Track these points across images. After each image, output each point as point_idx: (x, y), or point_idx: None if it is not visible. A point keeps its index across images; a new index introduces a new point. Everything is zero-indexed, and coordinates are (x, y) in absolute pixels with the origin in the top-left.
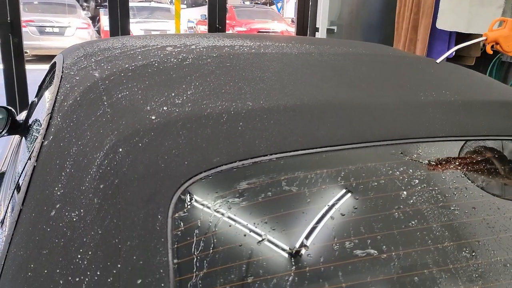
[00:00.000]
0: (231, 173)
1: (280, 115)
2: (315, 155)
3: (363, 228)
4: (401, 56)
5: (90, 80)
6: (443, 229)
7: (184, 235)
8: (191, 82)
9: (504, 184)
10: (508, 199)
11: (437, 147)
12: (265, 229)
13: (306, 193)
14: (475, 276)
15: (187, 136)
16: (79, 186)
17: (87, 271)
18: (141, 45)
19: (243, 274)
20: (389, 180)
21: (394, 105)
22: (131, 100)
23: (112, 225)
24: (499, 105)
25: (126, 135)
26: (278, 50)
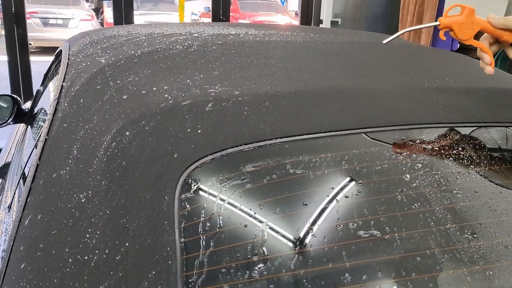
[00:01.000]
0: (236, 156)
1: (285, 100)
2: (319, 140)
3: (367, 211)
4: (405, 45)
5: (96, 66)
6: (445, 212)
7: (191, 215)
8: (196, 68)
9: (506, 170)
10: (509, 184)
11: (440, 133)
12: (269, 211)
13: (311, 176)
14: (476, 257)
15: (193, 120)
16: (87, 169)
17: (96, 250)
18: (147, 33)
19: (248, 254)
20: (392, 164)
21: (398, 92)
22: (138, 85)
23: (120, 206)
24: (503, 92)
25: (133, 119)
26: (283, 38)
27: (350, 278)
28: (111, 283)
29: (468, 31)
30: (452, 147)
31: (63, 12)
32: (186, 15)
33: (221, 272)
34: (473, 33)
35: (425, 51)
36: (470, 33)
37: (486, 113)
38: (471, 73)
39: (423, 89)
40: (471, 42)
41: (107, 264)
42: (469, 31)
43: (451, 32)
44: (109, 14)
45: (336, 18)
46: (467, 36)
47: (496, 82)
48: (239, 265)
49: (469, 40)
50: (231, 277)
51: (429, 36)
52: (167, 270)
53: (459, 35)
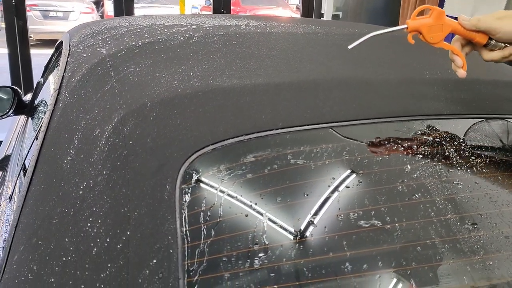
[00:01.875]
0: (237, 147)
1: (286, 91)
2: (320, 130)
3: (368, 201)
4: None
5: (97, 56)
6: (446, 203)
7: (192, 205)
8: (198, 58)
9: (507, 161)
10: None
11: (441, 124)
12: (270, 201)
13: (312, 167)
14: (476, 247)
15: (194, 110)
16: (88, 158)
17: (97, 239)
18: (148, 24)
19: (248, 243)
20: (393, 155)
21: (399, 83)
22: (139, 75)
23: (121, 195)
24: (505, 84)
25: (134, 109)
26: (284, 29)
27: (351, 268)
28: (112, 271)
29: (438, 33)
30: (453, 139)
31: (64, 5)
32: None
33: (222, 260)
34: (443, 36)
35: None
36: (439, 36)
37: (488, 105)
38: (473, 65)
39: (424, 81)
40: (441, 45)
41: (108, 252)
42: (439, 33)
43: (420, 35)
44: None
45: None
46: (437, 39)
47: (499, 74)
48: (239, 254)
49: (439, 43)
50: (232, 266)
51: None
52: (168, 259)
53: (428, 38)
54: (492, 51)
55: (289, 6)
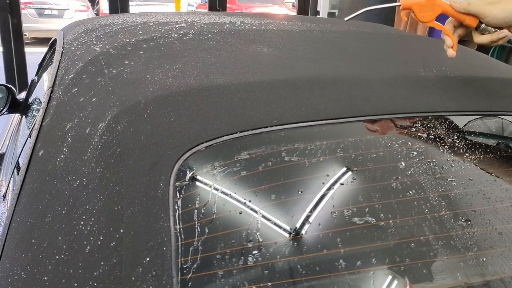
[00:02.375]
0: (231, 144)
1: (281, 88)
2: (315, 128)
3: (362, 198)
4: (402, 35)
5: (91, 54)
6: (440, 199)
7: (185, 202)
8: (192, 56)
9: (500, 158)
10: (503, 172)
11: (436, 122)
12: (264, 198)
13: (306, 164)
14: (470, 244)
15: (188, 108)
16: (82, 156)
17: (90, 237)
18: (142, 21)
19: (242, 240)
20: (387, 152)
21: (394, 80)
22: (133, 73)
23: (115, 193)
24: (499, 82)
25: (127, 106)
26: (279, 27)
27: (346, 265)
28: (105, 269)
29: (429, 13)
30: (447, 136)
31: (59, 3)
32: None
33: (215, 258)
34: (433, 16)
35: (421, 41)
36: (430, 16)
37: (482, 102)
38: (467, 62)
39: (419, 78)
40: (432, 24)
41: (102, 250)
42: (430, 13)
43: (412, 13)
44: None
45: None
46: (427, 19)
47: (493, 71)
48: (233, 252)
49: (430, 22)
50: (226, 264)
51: (426, 27)
52: (162, 256)
53: (419, 16)
54: (483, 34)
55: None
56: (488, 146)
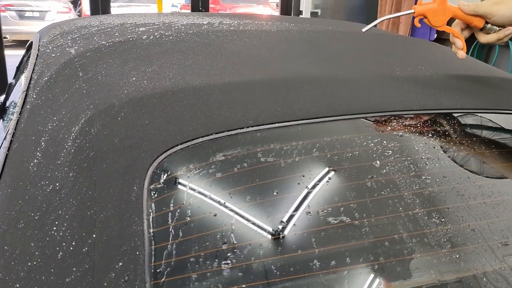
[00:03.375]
0: (207, 146)
1: (257, 88)
2: (291, 128)
3: (338, 198)
4: (379, 34)
5: (66, 56)
6: (415, 197)
7: (160, 206)
8: (168, 57)
9: (474, 155)
10: (477, 169)
11: (411, 120)
12: (239, 200)
13: (282, 164)
14: (443, 241)
15: (163, 110)
16: (55, 161)
17: (63, 242)
18: (119, 23)
19: (217, 243)
20: (363, 151)
21: (370, 80)
22: (107, 75)
23: (87, 197)
24: (473, 80)
25: (101, 109)
26: (257, 27)
27: (319, 265)
28: (77, 275)
29: (441, 17)
30: (423, 134)
31: (40, 5)
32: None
33: (190, 262)
34: (445, 20)
35: (399, 40)
36: (443, 20)
37: (457, 100)
38: (443, 61)
39: (395, 77)
40: (444, 28)
41: (74, 256)
42: (442, 17)
43: (425, 19)
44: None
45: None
46: (440, 23)
47: (468, 69)
48: (208, 254)
49: (442, 26)
50: (200, 267)
51: (407, 26)
52: (135, 261)
53: (432, 22)
54: (488, 34)
55: (269, 3)
56: (464, 143)
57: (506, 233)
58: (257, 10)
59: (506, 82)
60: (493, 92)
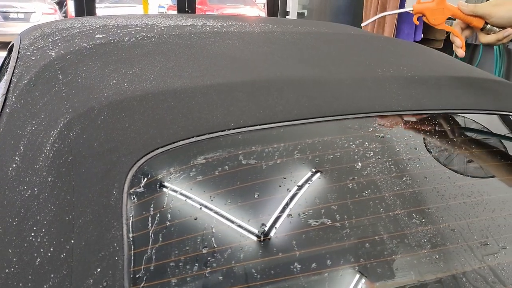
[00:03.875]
0: (188, 149)
1: (239, 90)
2: (273, 130)
3: (319, 200)
4: (362, 35)
5: (46, 59)
6: (396, 198)
7: (140, 210)
8: (149, 60)
9: (454, 155)
10: (457, 169)
11: (392, 121)
12: (220, 203)
13: (264, 167)
14: (424, 241)
15: (144, 113)
16: (33, 165)
17: (40, 248)
18: (101, 25)
19: (198, 247)
20: (345, 153)
21: (352, 81)
22: (88, 78)
23: (66, 202)
24: (454, 80)
25: (81, 113)
26: (240, 29)
27: (300, 267)
28: (55, 281)
29: (439, 16)
30: (404, 135)
31: (24, 6)
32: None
33: (169, 266)
34: (444, 19)
35: (381, 41)
36: (441, 19)
37: (438, 101)
38: (425, 62)
39: (376, 78)
40: (442, 26)
41: (52, 262)
42: (440, 16)
43: (424, 17)
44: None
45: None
46: (439, 21)
47: (448, 70)
48: (188, 259)
49: (440, 24)
50: (181, 272)
51: (392, 26)
52: (114, 267)
53: (431, 20)
54: (488, 34)
55: (256, 4)
56: (445, 143)
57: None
58: (244, 11)
59: (487, 83)
60: (474, 93)
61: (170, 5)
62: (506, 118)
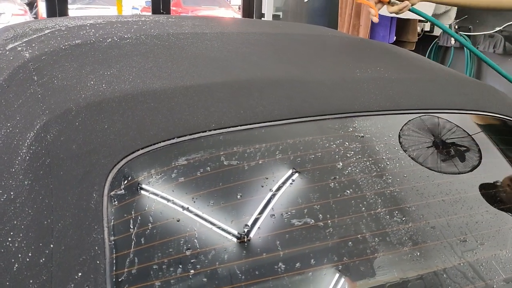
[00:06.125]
0: (169, 150)
1: (219, 91)
2: (253, 131)
3: (300, 199)
4: (339, 37)
5: (19, 60)
6: (376, 197)
7: (121, 212)
8: (127, 60)
9: (432, 154)
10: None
11: (372, 121)
12: (203, 204)
13: (245, 167)
14: (405, 239)
15: (123, 114)
16: (9, 169)
17: (18, 254)
18: (76, 25)
19: (181, 249)
20: (326, 153)
21: (331, 82)
22: (64, 79)
23: (44, 206)
24: (430, 81)
25: (58, 114)
26: (219, 30)
27: (284, 267)
28: (34, 287)
29: None
30: (383, 134)
31: None
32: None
33: (152, 269)
34: None
35: (358, 43)
36: None
37: (415, 101)
38: (401, 63)
39: (355, 79)
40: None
41: (30, 268)
42: None
43: None
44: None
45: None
46: None
47: (425, 71)
48: (171, 261)
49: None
50: (163, 274)
51: (367, 28)
52: (95, 270)
53: None
54: (393, 6)
55: (231, 6)
56: (424, 143)
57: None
58: (219, 13)
59: (464, 83)
60: (452, 93)
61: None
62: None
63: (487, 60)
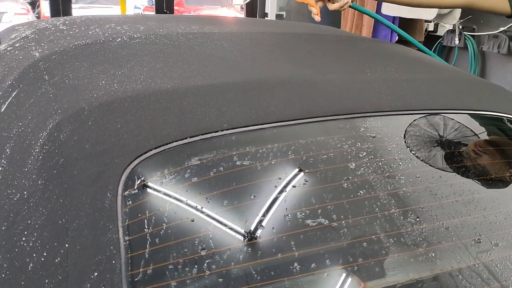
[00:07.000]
0: (181, 150)
1: (231, 91)
2: (265, 131)
3: (314, 200)
4: (347, 36)
5: (30, 59)
6: (389, 198)
7: (135, 212)
8: (139, 60)
9: (444, 154)
10: (447, 168)
11: (382, 121)
12: (217, 204)
13: (258, 167)
14: (419, 240)
15: (135, 114)
16: (22, 168)
17: (33, 253)
18: (85, 25)
19: (196, 249)
20: (338, 153)
21: (342, 81)
22: (76, 79)
23: (58, 205)
24: (441, 81)
25: (70, 114)
26: (228, 29)
27: (299, 268)
28: (50, 287)
29: None
30: (395, 135)
31: None
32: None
33: (168, 269)
34: None
35: (366, 42)
36: None
37: (426, 101)
38: (410, 63)
39: (365, 79)
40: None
41: (45, 267)
42: None
43: None
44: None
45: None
46: None
47: (435, 71)
48: (187, 261)
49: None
50: (179, 274)
51: (370, 28)
52: (111, 270)
53: None
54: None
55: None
56: (434, 143)
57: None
58: (221, 13)
59: (474, 83)
60: (462, 93)
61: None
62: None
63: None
